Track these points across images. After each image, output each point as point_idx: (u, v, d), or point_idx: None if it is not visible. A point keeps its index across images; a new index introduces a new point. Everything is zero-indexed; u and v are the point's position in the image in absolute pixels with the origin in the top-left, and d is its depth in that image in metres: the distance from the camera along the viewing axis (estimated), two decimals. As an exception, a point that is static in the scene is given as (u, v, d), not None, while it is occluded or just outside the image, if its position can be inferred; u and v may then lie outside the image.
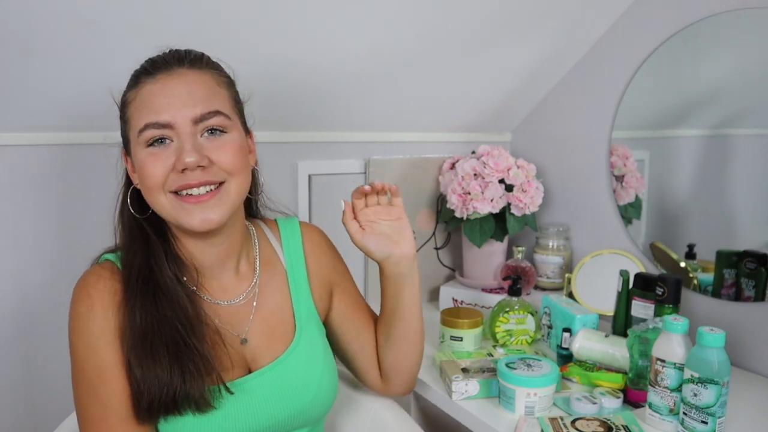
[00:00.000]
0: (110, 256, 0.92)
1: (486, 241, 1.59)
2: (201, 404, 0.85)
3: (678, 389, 0.99)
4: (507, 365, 1.09)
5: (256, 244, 1.02)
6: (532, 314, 1.39)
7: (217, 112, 0.86)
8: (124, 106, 0.89)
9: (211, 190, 0.86)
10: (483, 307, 1.57)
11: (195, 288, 0.93)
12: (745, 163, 1.35)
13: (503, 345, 1.38)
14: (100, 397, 0.84)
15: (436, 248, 1.75)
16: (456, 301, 1.62)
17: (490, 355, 1.31)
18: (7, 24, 1.00)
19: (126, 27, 1.08)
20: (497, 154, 1.58)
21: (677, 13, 1.38)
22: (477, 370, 1.19)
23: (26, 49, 1.05)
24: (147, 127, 0.84)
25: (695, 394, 0.95)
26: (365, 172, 1.62)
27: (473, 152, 1.65)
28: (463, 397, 1.13)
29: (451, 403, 1.13)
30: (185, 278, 0.93)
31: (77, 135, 1.26)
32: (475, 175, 1.57)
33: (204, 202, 0.85)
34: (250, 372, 0.94)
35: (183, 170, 0.84)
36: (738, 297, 1.32)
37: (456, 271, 1.76)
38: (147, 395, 0.83)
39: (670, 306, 1.16)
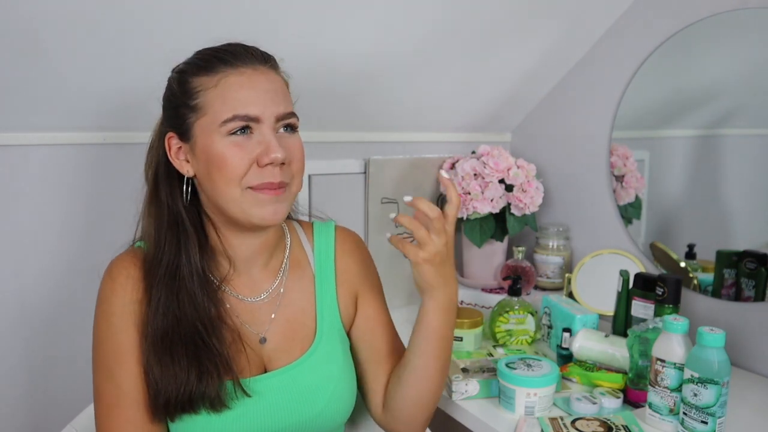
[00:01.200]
0: (142, 244, 0.93)
1: (486, 241, 1.59)
2: (216, 404, 0.85)
3: (678, 389, 0.99)
4: (507, 365, 1.09)
5: (288, 242, 1.02)
6: (532, 314, 1.39)
7: (293, 114, 0.89)
8: (193, 91, 0.87)
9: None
10: (483, 307, 1.57)
11: (222, 283, 0.93)
12: (745, 163, 1.35)
13: (503, 345, 1.38)
14: (115, 379, 0.86)
15: (436, 248, 1.75)
16: (456, 301, 1.62)
17: (490, 355, 1.31)
18: (11, 24, 1.00)
19: (129, 27, 1.08)
20: (497, 154, 1.58)
21: (677, 13, 1.38)
22: (477, 370, 1.19)
23: (29, 50, 1.05)
24: (235, 118, 0.84)
25: (695, 394, 0.95)
26: (365, 172, 1.62)
27: (473, 152, 1.65)
28: (463, 397, 1.13)
29: (451, 403, 1.13)
30: (213, 273, 0.93)
31: (78, 135, 1.26)
32: (475, 175, 1.57)
33: (279, 195, 0.87)
34: (265, 372, 0.93)
35: (266, 165, 0.84)
36: (738, 297, 1.32)
37: (456, 271, 1.76)
38: (164, 393, 0.84)
39: (670, 306, 1.16)
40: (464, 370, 1.18)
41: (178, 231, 0.90)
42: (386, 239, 0.91)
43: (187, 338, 0.86)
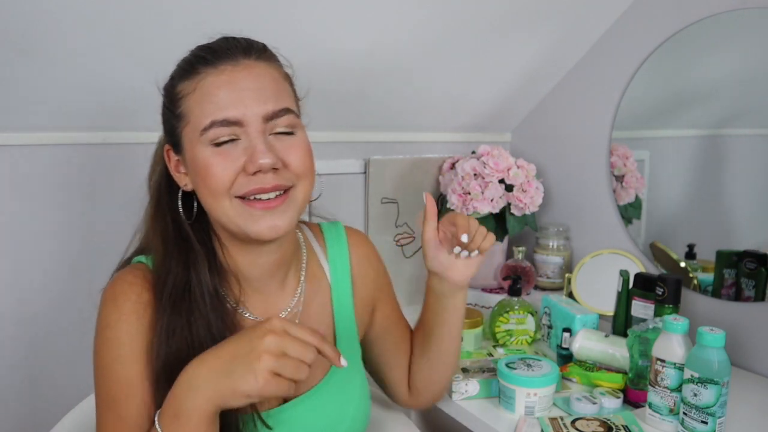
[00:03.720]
0: (143, 258, 0.85)
1: (486, 241, 1.59)
2: None
3: (678, 389, 0.99)
4: (507, 365, 1.09)
5: (305, 254, 0.93)
6: (532, 314, 1.39)
7: (287, 110, 0.79)
8: (176, 98, 0.80)
9: (279, 194, 0.79)
10: (483, 307, 1.57)
11: (236, 304, 0.85)
12: (745, 163, 1.35)
13: (503, 345, 1.38)
14: (118, 410, 0.78)
15: (436, 248, 1.75)
16: (456, 301, 1.62)
17: (490, 355, 1.31)
18: (11, 23, 1.00)
19: (129, 25, 1.08)
20: (497, 154, 1.58)
21: (677, 13, 1.38)
22: (477, 370, 1.19)
23: (28, 49, 1.05)
24: (213, 124, 0.75)
25: (695, 394, 0.95)
26: (365, 172, 1.62)
27: (473, 152, 1.65)
28: (463, 397, 1.13)
29: (451, 403, 1.13)
30: (226, 293, 0.84)
31: (78, 135, 1.26)
32: (475, 175, 1.57)
33: (273, 208, 0.78)
34: (285, 398, 0.86)
35: (255, 173, 0.76)
36: (738, 297, 1.32)
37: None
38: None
39: (670, 306, 1.16)
40: (464, 370, 1.18)
41: (186, 248, 0.82)
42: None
43: None
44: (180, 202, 0.84)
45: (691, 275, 1.41)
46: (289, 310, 0.89)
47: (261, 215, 0.78)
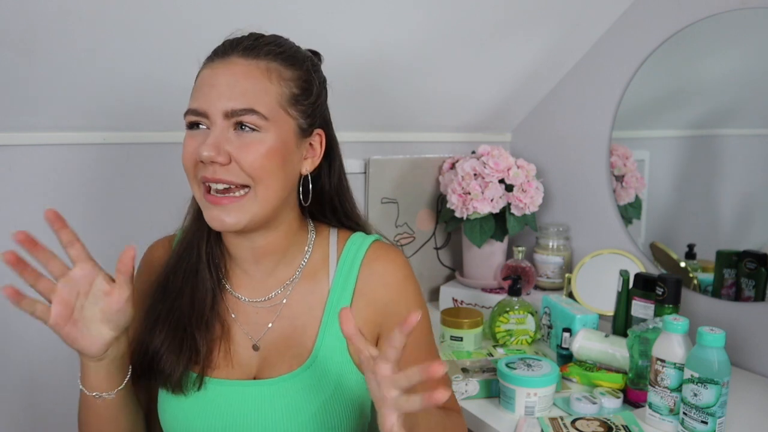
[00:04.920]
0: (178, 232, 0.97)
1: (486, 241, 1.59)
2: (173, 386, 0.87)
3: (678, 389, 0.99)
4: (507, 365, 1.09)
5: (308, 253, 0.93)
6: (532, 314, 1.39)
7: (250, 111, 0.80)
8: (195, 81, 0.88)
9: (231, 190, 0.82)
10: (483, 307, 1.57)
11: (224, 278, 0.93)
12: (745, 162, 1.36)
13: (503, 345, 1.38)
14: None
15: (436, 248, 1.75)
16: (456, 301, 1.62)
17: (490, 355, 1.31)
18: (9, 23, 1.00)
19: (127, 25, 1.08)
20: (497, 154, 1.58)
21: (677, 13, 1.38)
22: (477, 370, 1.19)
23: (27, 49, 1.05)
24: (188, 112, 0.84)
25: (695, 394, 0.95)
26: (365, 172, 1.62)
27: (473, 152, 1.65)
28: (463, 397, 1.13)
29: (451, 403, 1.13)
30: (219, 264, 0.93)
31: (78, 135, 1.26)
32: (475, 175, 1.57)
33: (223, 205, 0.82)
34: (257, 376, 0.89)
35: (202, 161, 0.81)
36: (738, 297, 1.32)
37: (456, 271, 1.76)
38: (135, 354, 0.88)
39: (670, 306, 1.16)
40: (464, 370, 1.18)
41: (199, 218, 0.90)
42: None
43: (173, 318, 0.88)
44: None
45: (691, 275, 1.41)
46: (270, 297, 0.92)
47: (212, 207, 0.83)
